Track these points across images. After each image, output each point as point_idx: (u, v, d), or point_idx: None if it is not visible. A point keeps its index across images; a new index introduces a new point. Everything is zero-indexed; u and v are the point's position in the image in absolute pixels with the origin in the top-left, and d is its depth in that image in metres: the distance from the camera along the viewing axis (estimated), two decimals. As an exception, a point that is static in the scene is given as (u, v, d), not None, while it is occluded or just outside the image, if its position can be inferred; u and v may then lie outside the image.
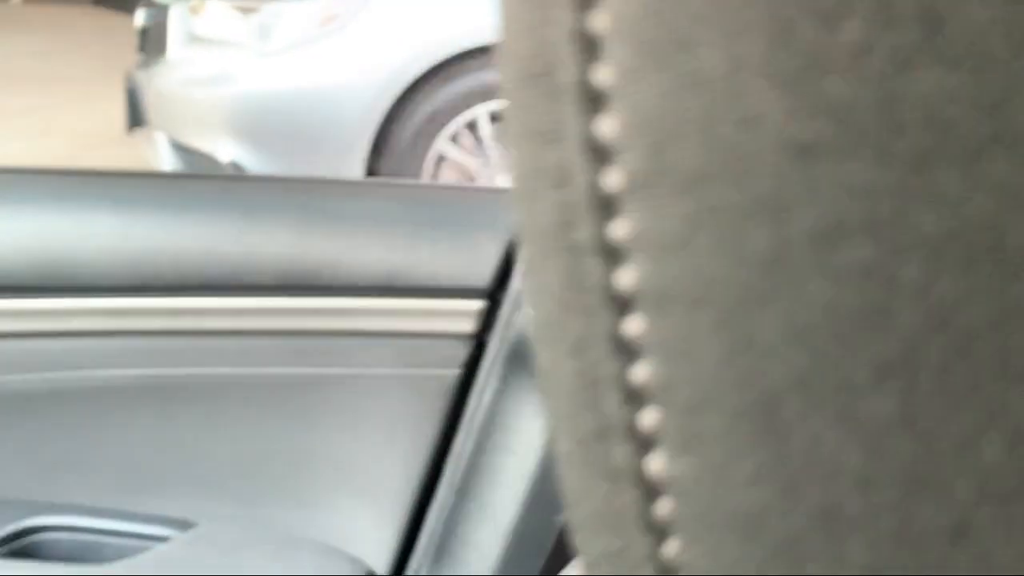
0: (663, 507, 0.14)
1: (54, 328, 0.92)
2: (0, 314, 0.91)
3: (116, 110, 4.83)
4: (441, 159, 3.29)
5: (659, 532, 0.14)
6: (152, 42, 3.84)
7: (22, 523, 1.02)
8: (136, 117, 3.86)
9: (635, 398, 0.13)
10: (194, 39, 3.57)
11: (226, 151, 3.26)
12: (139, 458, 1.05)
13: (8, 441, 1.04)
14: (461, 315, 1.02)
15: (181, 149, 3.51)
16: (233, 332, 0.96)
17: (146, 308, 0.92)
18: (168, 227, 0.97)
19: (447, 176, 3.30)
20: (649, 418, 0.13)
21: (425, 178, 3.25)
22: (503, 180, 2.81)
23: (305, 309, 0.97)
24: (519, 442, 0.95)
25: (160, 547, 1.02)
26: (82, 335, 0.93)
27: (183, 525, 1.04)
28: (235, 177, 2.53)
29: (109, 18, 12.16)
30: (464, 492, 1.01)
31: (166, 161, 3.58)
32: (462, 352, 1.02)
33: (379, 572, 1.00)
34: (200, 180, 1.08)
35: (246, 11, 3.46)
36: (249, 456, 1.04)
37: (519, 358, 0.94)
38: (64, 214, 0.96)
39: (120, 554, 1.02)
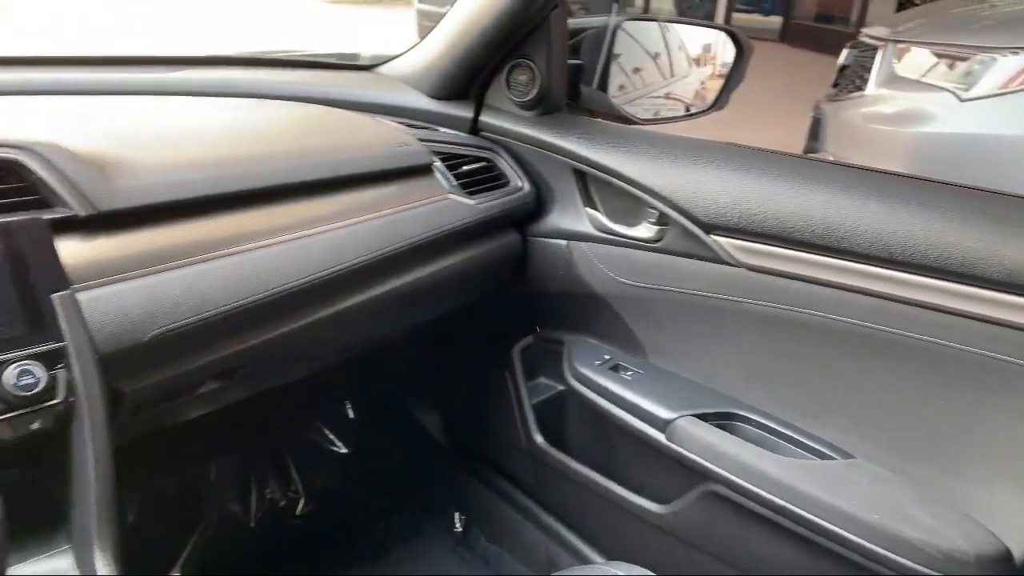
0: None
1: (824, 278, 1.26)
2: (800, 262, 1.28)
3: (787, 136, 5.36)
4: None
5: None
6: (849, 78, 4.22)
7: (729, 409, 1.41)
8: (813, 143, 4.31)
9: None
10: (894, 79, 3.81)
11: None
12: (822, 391, 1.34)
13: (738, 354, 1.43)
14: None
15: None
16: (940, 309, 1.17)
17: (888, 277, 1.19)
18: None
19: None
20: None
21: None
22: None
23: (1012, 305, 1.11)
24: None
25: (820, 462, 1.30)
26: (837, 287, 1.25)
27: (843, 453, 1.30)
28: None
29: (791, 53, 13.15)
30: None
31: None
32: None
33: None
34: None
35: (952, 58, 3.56)
36: (917, 417, 1.24)
37: None
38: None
39: (790, 454, 1.33)
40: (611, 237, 1.51)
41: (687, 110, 1.84)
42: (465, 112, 1.66)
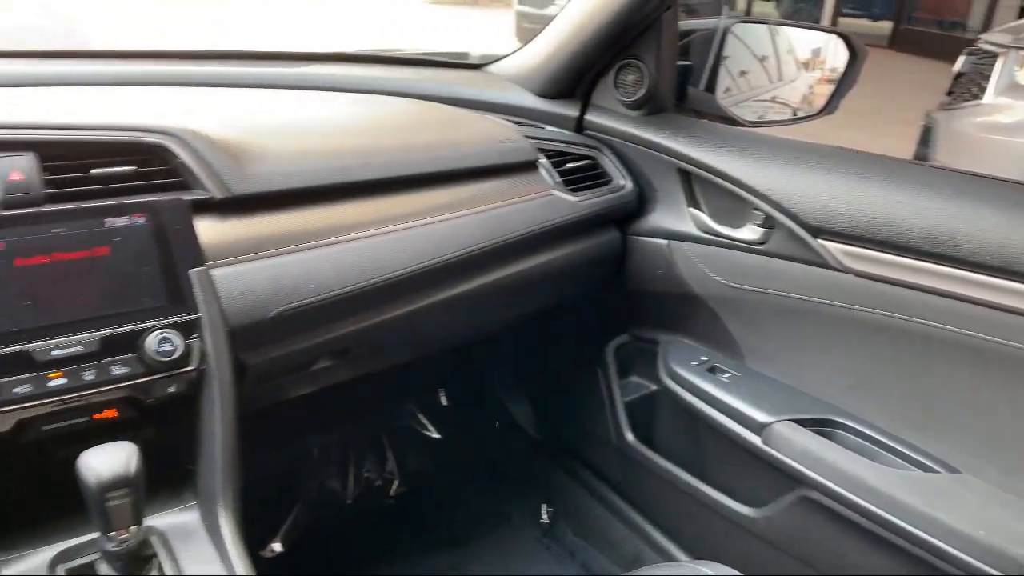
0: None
1: (935, 287, 1.23)
2: (911, 269, 1.26)
3: (895, 144, 5.16)
4: None
5: None
6: (964, 86, 4.04)
7: (829, 416, 1.39)
8: (923, 151, 4.15)
9: None
10: (1015, 88, 3.63)
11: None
12: (929, 403, 1.31)
13: (841, 361, 1.40)
14: None
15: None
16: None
17: (1004, 288, 1.15)
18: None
19: None
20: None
21: None
22: None
23: None
24: None
25: (923, 474, 1.27)
26: (949, 297, 1.22)
27: (948, 467, 1.27)
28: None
29: (900, 59, 12.64)
30: None
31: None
32: None
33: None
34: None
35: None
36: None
37: None
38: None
39: (891, 465, 1.30)
40: (714, 238, 1.51)
41: (794, 114, 1.82)
42: (571, 111, 1.69)
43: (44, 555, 0.95)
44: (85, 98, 1.28)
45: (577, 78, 1.67)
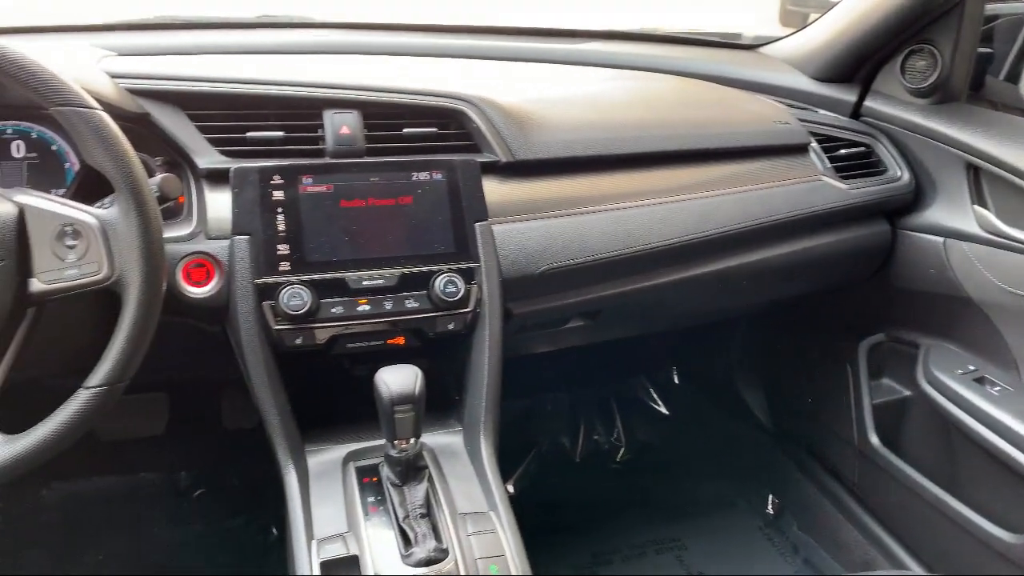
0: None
1: None
2: None
3: None
4: None
5: None
6: None
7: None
8: None
9: None
10: None
11: None
12: None
13: None
14: None
15: None
16: None
17: None
18: None
19: None
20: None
21: None
22: None
23: None
24: None
25: None
26: None
27: None
28: None
29: None
30: None
31: None
32: None
33: None
34: None
35: None
36: None
37: None
38: None
39: None
40: (1001, 240, 1.39)
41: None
42: (848, 96, 1.63)
43: (339, 451, 1.13)
44: (397, 66, 1.45)
45: (858, 62, 1.60)
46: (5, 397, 0.88)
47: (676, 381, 2.20)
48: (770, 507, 1.94)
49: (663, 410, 2.17)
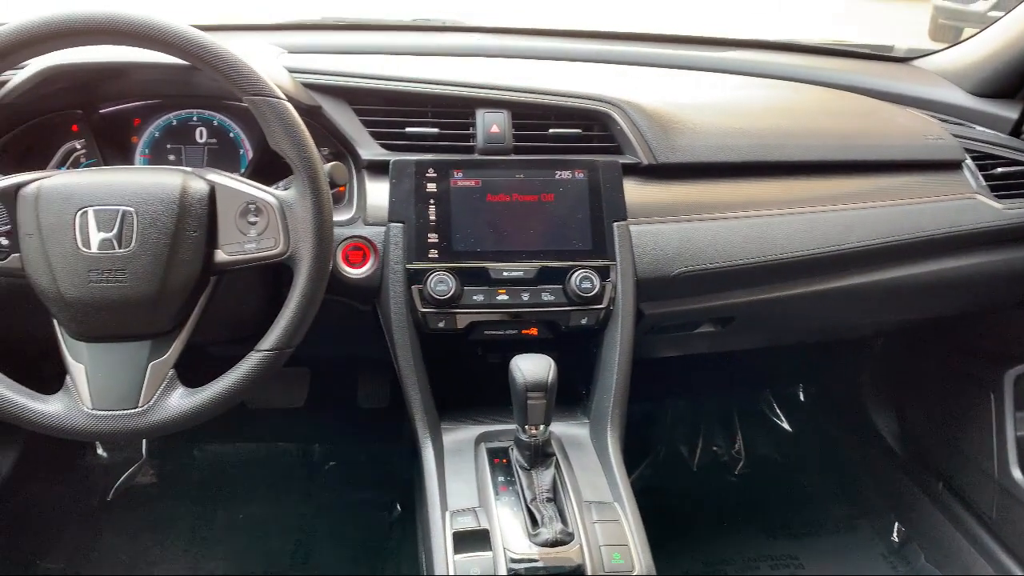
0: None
1: None
2: None
3: None
4: None
5: None
6: None
7: None
8: None
9: None
10: None
11: None
12: None
13: None
14: None
15: None
16: None
17: None
18: None
19: None
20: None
21: None
22: None
23: None
24: None
25: None
26: None
27: None
28: None
29: None
30: None
31: None
32: None
33: None
34: None
35: None
36: None
37: None
38: None
39: None
40: None
41: None
42: (1009, 112, 1.55)
43: (472, 432, 1.18)
44: (544, 69, 1.51)
45: (1022, 78, 1.53)
46: (182, 358, 0.99)
47: (801, 398, 2.15)
48: (895, 534, 1.87)
49: (786, 426, 2.13)
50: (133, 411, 0.93)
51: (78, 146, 1.27)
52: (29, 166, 1.06)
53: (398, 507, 1.84)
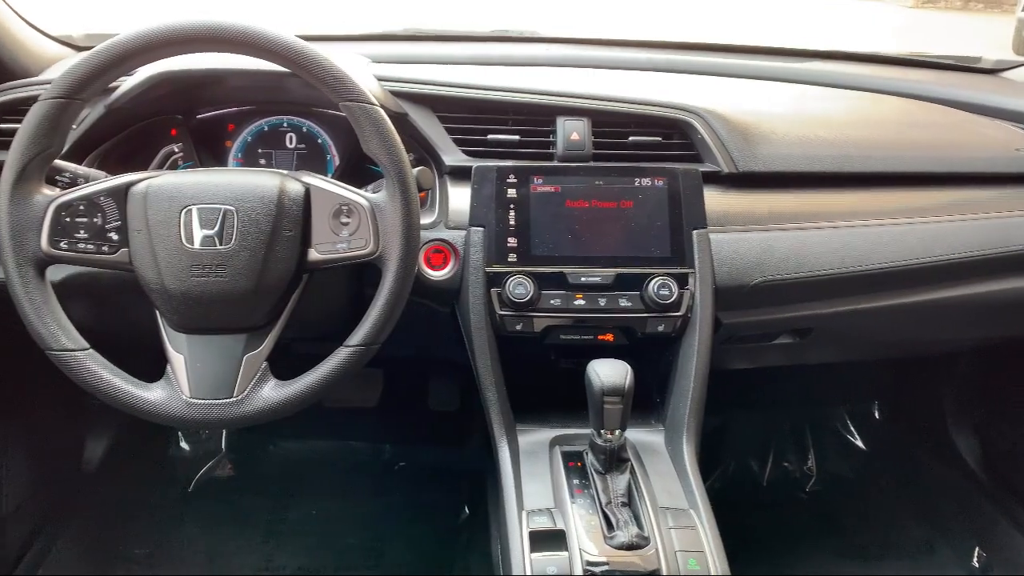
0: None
1: None
2: None
3: None
4: None
5: None
6: None
7: None
8: None
9: None
10: None
11: None
12: None
13: None
14: None
15: None
16: None
17: None
18: None
19: None
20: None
21: None
22: None
23: None
24: None
25: None
26: None
27: None
28: None
29: None
30: None
31: None
32: None
33: None
34: None
35: None
36: None
37: None
38: None
39: None
40: None
41: None
42: (1104, 124, 1.50)
43: (546, 435, 1.20)
44: (622, 79, 1.52)
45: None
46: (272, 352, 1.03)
47: (876, 415, 2.10)
48: (975, 560, 1.80)
49: (860, 444, 2.08)
50: (229, 400, 0.97)
51: (176, 149, 1.34)
52: (131, 167, 1.12)
53: (466, 509, 1.86)
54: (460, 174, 1.24)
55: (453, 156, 1.25)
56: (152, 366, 1.02)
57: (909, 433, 2.07)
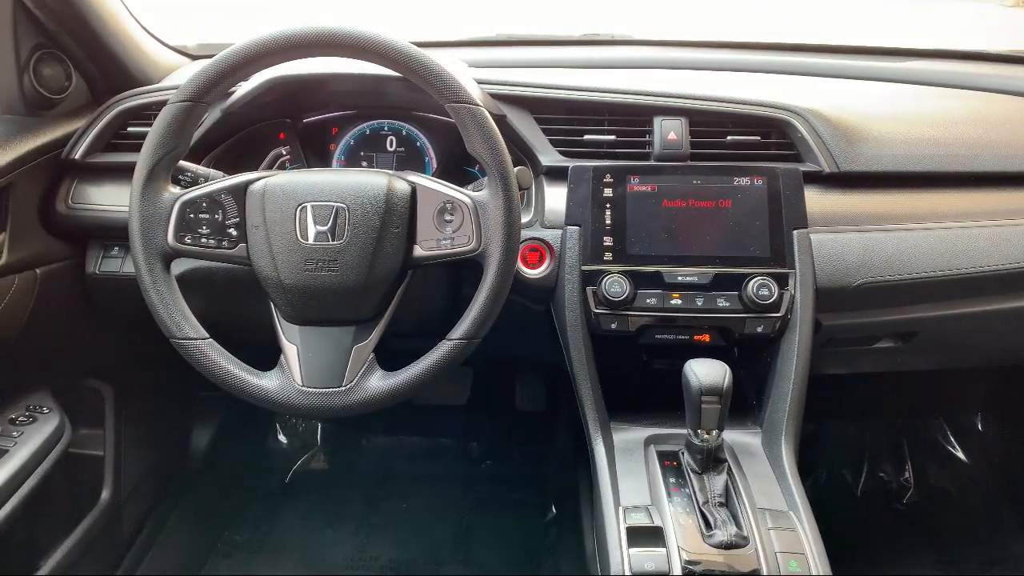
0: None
1: None
2: None
3: None
4: None
5: None
6: None
7: None
8: None
9: None
10: None
11: None
12: None
13: None
14: None
15: None
16: None
17: None
18: None
19: None
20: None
21: None
22: None
23: None
24: None
25: None
26: None
27: None
28: None
29: None
30: None
31: None
32: None
33: None
34: None
35: None
36: None
37: None
38: None
39: None
40: None
41: None
42: None
43: (641, 433, 1.20)
44: (720, 79, 1.51)
45: None
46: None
47: (980, 427, 2.02)
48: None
49: (961, 456, 2.00)
50: (339, 389, 1.01)
51: (284, 151, 1.40)
52: (242, 168, 1.19)
53: (553, 508, 1.87)
54: (556, 174, 1.26)
55: (550, 156, 1.27)
56: (259, 358, 1.08)
57: (1016, 446, 1.98)
